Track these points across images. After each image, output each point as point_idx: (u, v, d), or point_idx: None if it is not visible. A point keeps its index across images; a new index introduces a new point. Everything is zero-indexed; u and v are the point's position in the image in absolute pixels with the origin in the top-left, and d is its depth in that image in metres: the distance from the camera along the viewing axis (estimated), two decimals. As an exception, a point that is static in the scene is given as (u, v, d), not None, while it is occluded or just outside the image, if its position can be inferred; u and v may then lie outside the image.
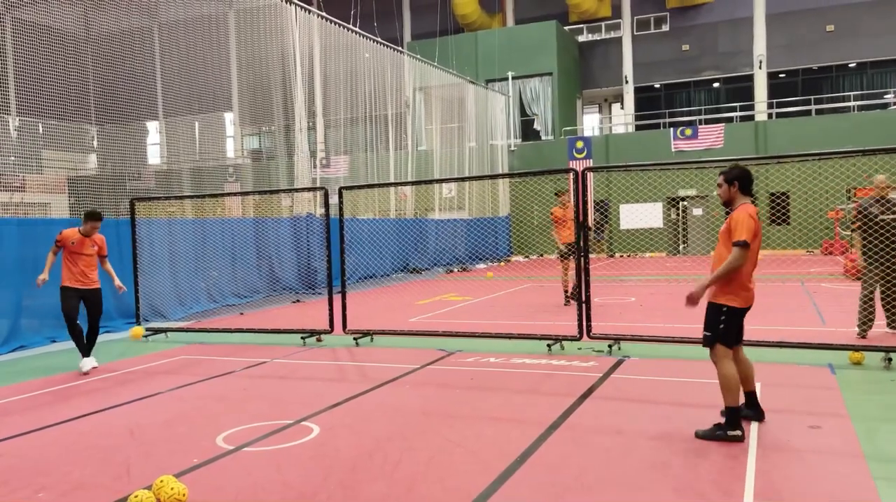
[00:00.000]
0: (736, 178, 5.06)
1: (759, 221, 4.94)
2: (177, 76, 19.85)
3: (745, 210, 4.94)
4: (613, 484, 4.11)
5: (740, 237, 4.79)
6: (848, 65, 30.14)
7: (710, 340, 4.99)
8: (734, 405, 4.86)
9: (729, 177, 5.10)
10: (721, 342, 4.94)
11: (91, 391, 7.12)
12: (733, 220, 4.92)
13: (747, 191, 5.08)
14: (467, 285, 17.38)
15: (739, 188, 5.06)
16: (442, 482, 4.23)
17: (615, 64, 33.42)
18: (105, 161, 18.12)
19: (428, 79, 26.18)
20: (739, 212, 4.94)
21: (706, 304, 5.06)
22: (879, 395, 5.95)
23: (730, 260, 4.80)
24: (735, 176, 5.07)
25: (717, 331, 4.94)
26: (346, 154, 22.78)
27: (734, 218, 4.93)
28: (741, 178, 5.06)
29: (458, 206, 27.30)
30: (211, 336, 10.52)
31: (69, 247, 8.18)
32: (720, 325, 4.93)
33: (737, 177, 5.06)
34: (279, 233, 16.57)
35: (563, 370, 7.31)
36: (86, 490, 4.30)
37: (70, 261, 8.18)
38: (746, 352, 5.18)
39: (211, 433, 5.37)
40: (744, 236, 4.79)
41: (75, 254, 8.17)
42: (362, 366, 8.15)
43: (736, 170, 5.12)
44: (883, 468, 4.20)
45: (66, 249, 8.19)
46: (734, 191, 5.07)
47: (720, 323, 4.93)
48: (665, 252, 27.52)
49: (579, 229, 8.49)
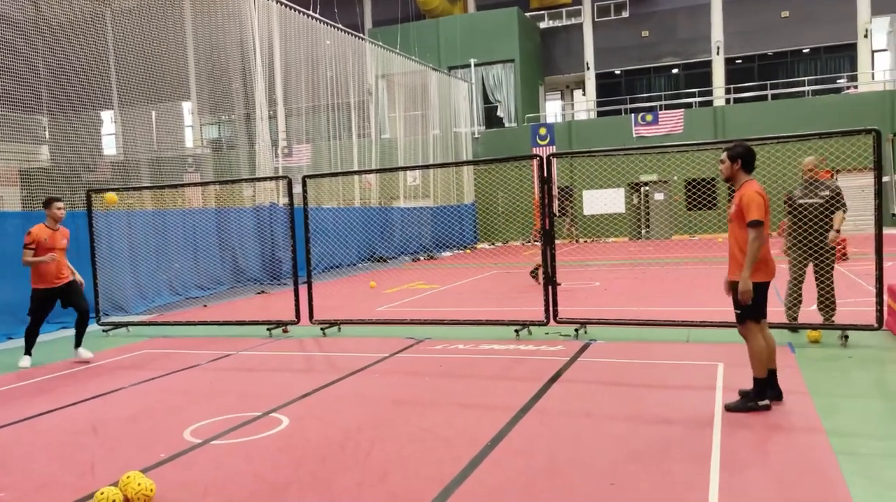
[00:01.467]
0: (739, 156, 5.11)
1: (766, 197, 5.00)
2: (132, 64, 19.34)
3: (752, 188, 5.00)
4: (584, 466, 4.16)
5: (753, 217, 4.87)
6: (802, 50, 30.79)
7: (740, 317, 5.08)
8: (762, 376, 5.01)
9: (732, 153, 5.14)
10: (751, 318, 5.05)
11: (52, 388, 6.94)
12: (743, 200, 4.96)
13: (750, 169, 5.14)
14: (434, 273, 17.38)
15: (742, 166, 5.12)
16: (414, 470, 4.23)
17: (577, 50, 33.62)
18: (58, 152, 17.60)
19: (390, 66, 26.00)
20: (747, 191, 4.99)
21: (730, 284, 5.15)
22: (837, 372, 6.13)
23: (751, 241, 4.88)
24: (738, 153, 5.12)
25: (745, 308, 5.03)
26: (309, 143, 22.54)
27: (744, 197, 4.98)
28: (744, 156, 5.12)
29: (423, 194, 27.26)
30: (174, 329, 10.34)
31: (43, 244, 7.82)
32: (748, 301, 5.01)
33: (740, 154, 5.12)
34: (242, 224, 16.33)
35: (531, 355, 7.36)
36: (50, 488, 4.19)
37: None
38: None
39: (177, 427, 5.29)
40: (756, 215, 4.87)
41: (49, 252, 7.84)
42: (330, 357, 8.10)
43: (739, 147, 5.17)
44: (843, 442, 4.33)
45: (41, 248, 7.81)
46: (736, 168, 5.12)
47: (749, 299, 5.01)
48: (627, 237, 27.88)
49: (544, 216, 8.54)
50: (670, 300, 10.60)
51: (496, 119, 32.19)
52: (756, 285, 4.99)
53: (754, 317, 5.05)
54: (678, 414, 5.07)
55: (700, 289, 11.66)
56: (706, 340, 7.60)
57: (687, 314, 8.69)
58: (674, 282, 12.98)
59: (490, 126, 31.97)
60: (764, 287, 5.04)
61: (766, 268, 5.02)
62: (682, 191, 27.18)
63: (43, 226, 7.96)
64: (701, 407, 5.20)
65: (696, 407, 5.22)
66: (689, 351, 7.24)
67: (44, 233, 7.89)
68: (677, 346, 7.45)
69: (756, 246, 4.88)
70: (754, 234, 4.87)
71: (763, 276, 5.01)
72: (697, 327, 7.95)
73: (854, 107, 25.39)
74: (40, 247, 7.84)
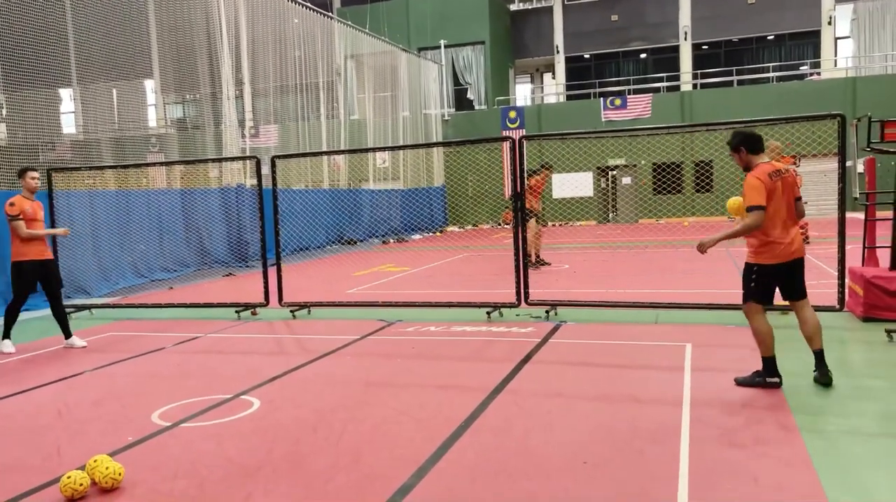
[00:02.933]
0: (740, 144, 5.11)
1: (771, 179, 4.95)
2: (92, 40, 18.77)
3: (756, 172, 5.00)
4: (556, 445, 4.19)
5: (749, 202, 4.93)
6: (767, 37, 31.21)
7: (744, 297, 5.17)
8: (768, 355, 5.10)
9: (733, 144, 5.14)
10: (752, 299, 5.11)
11: (12, 371, 6.77)
12: (745, 187, 4.99)
13: (758, 150, 5.11)
14: (404, 255, 17.32)
15: (748, 151, 5.11)
16: (388, 451, 4.22)
17: (546, 33, 33.60)
18: (15, 130, 17.07)
19: (359, 46, 25.68)
20: (748, 177, 5.01)
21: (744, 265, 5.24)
22: (800, 353, 6.25)
23: (744, 222, 4.95)
24: (738, 142, 5.12)
25: (748, 289, 5.12)
26: (276, 123, 22.20)
27: (745, 184, 5.00)
28: (745, 142, 5.10)
29: (392, 177, 27.10)
30: (139, 312, 10.15)
31: (27, 215, 7.49)
32: (751, 283, 5.10)
33: (740, 142, 5.11)
34: (208, 205, 16.05)
35: (503, 336, 7.39)
36: (15, 471, 4.09)
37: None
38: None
39: (145, 410, 5.20)
40: (753, 201, 4.90)
41: (33, 223, 7.54)
42: (301, 339, 8.03)
43: (737, 136, 5.15)
44: (808, 420, 4.43)
45: (26, 218, 7.48)
46: (745, 155, 5.11)
47: (751, 281, 5.10)
48: (595, 220, 28.12)
49: (515, 201, 8.54)
50: (639, 282, 10.72)
51: (466, 102, 32.08)
52: (760, 268, 5.06)
53: (756, 299, 5.12)
54: (648, 393, 5.14)
55: (668, 272, 11.82)
56: (675, 321, 7.71)
57: (656, 296, 8.80)
58: (642, 265, 13.14)
59: (460, 108, 31.85)
60: (768, 270, 5.06)
61: (771, 251, 5.03)
62: (650, 176, 27.47)
63: (21, 198, 7.62)
64: (670, 386, 5.28)
65: (666, 387, 5.30)
66: (658, 332, 7.33)
67: (26, 203, 7.57)
68: (646, 328, 7.55)
69: (745, 227, 4.94)
70: (749, 219, 4.92)
71: (767, 259, 5.05)
72: (666, 308, 8.06)
73: (817, 93, 25.86)
74: (25, 218, 7.51)
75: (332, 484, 3.77)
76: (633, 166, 27.87)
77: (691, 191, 27.26)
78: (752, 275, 5.12)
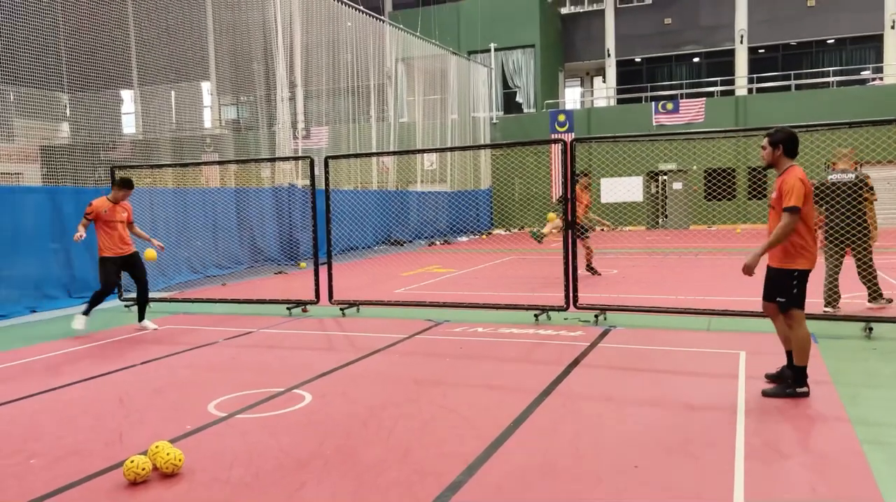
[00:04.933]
0: (780, 141, 5.03)
1: (809, 184, 4.91)
2: (152, 43, 19.40)
3: (794, 174, 4.92)
4: (607, 448, 4.17)
5: (790, 203, 4.81)
6: (827, 41, 30.32)
7: (784, 306, 5.02)
8: (804, 364, 4.97)
9: (773, 139, 5.07)
10: (796, 306, 4.99)
11: (77, 360, 7.04)
12: (784, 186, 4.90)
13: (792, 154, 5.06)
14: (451, 257, 17.39)
15: (784, 151, 5.04)
16: (437, 447, 4.26)
17: (598, 37, 33.30)
18: (78, 130, 17.73)
19: (410, 50, 25.88)
20: (790, 177, 4.91)
21: (769, 271, 5.14)
22: (861, 363, 6.08)
23: (781, 225, 4.83)
24: (780, 139, 5.04)
25: (790, 296, 4.98)
26: (327, 125, 22.53)
27: (784, 183, 4.91)
28: (786, 141, 5.03)
29: (439, 179, 27.23)
30: (194, 306, 10.43)
31: (102, 216, 8.21)
32: (793, 290, 4.96)
33: (781, 139, 5.04)
34: (261, 204, 16.40)
35: (551, 339, 7.37)
36: (79, 456, 4.26)
37: (107, 230, 8.23)
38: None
39: (202, 400, 5.35)
40: (793, 202, 4.80)
41: (110, 223, 8.23)
42: (350, 336, 8.14)
43: (781, 132, 5.08)
44: (868, 431, 4.31)
45: (100, 219, 8.22)
46: (778, 153, 5.05)
47: (793, 287, 4.96)
48: (644, 225, 27.73)
49: (566, 203, 8.51)
50: (690, 288, 10.55)
51: (515, 105, 32.00)
52: (801, 273, 4.95)
53: (799, 305, 4.99)
54: (701, 400, 5.06)
55: (720, 279, 11.59)
56: (727, 329, 7.57)
57: (707, 303, 8.65)
58: (693, 271, 12.91)
59: (508, 112, 31.79)
60: (806, 274, 4.98)
61: (808, 255, 4.95)
62: (702, 181, 26.96)
63: (104, 199, 8.37)
64: (724, 394, 5.19)
65: (719, 394, 5.21)
66: (710, 339, 7.21)
67: (104, 206, 8.27)
68: (698, 334, 7.43)
69: (784, 229, 4.84)
70: (787, 219, 4.82)
71: (804, 264, 4.95)
72: (719, 315, 7.92)
73: (879, 98, 25.00)
74: (99, 219, 8.20)
75: (383, 477, 3.82)
76: (685, 171, 27.39)
77: (744, 198, 26.65)
78: (792, 281, 4.97)
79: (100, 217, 8.21)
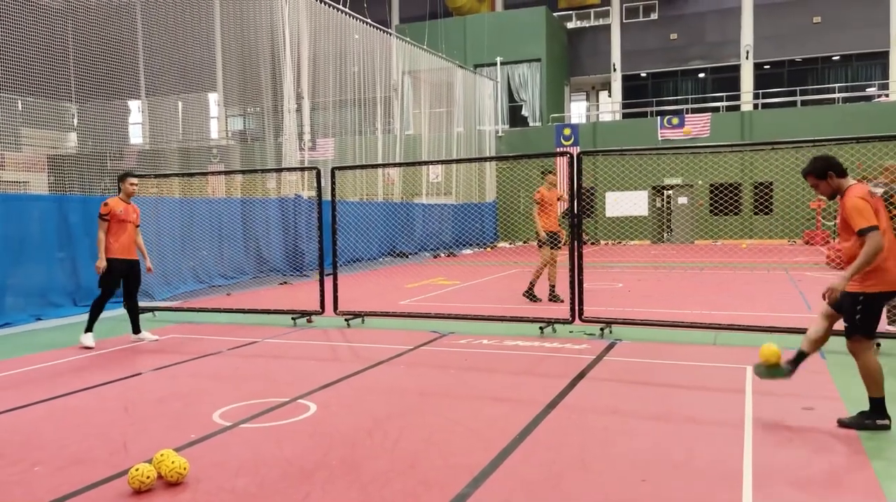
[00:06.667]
0: (827, 168, 4.68)
1: (871, 199, 4.56)
2: (160, 54, 19.54)
3: (853, 194, 4.57)
4: (613, 461, 4.14)
5: (860, 226, 4.44)
6: (832, 57, 30.39)
7: (847, 331, 4.66)
8: (879, 396, 4.59)
9: (818, 172, 4.70)
10: (861, 333, 4.60)
11: (81, 368, 7.04)
12: (846, 210, 4.56)
13: (843, 173, 4.70)
14: (455, 269, 17.38)
15: (836, 174, 4.68)
16: (443, 458, 4.23)
17: (603, 51, 33.45)
18: (86, 139, 17.83)
19: (416, 62, 26.03)
20: (848, 199, 4.57)
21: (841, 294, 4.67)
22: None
23: (865, 250, 4.41)
24: (825, 167, 4.68)
25: (853, 322, 4.59)
26: (333, 137, 22.63)
27: (845, 207, 4.58)
28: (832, 166, 4.68)
29: (444, 191, 27.28)
30: (199, 316, 10.43)
31: (117, 215, 8.07)
32: (857, 316, 4.58)
33: (827, 166, 4.68)
34: (266, 215, 16.44)
35: (557, 352, 7.34)
36: (83, 464, 4.25)
37: (117, 231, 8.09)
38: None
39: (206, 410, 5.34)
40: (864, 223, 4.44)
41: (123, 223, 8.10)
42: (355, 347, 8.13)
43: (820, 161, 4.71)
44: (877, 447, 4.27)
45: (115, 219, 8.06)
46: (834, 180, 4.68)
47: (856, 312, 4.58)
48: (649, 240, 27.70)
49: (572, 217, 8.50)
50: (695, 303, 10.51)
51: (520, 118, 32.10)
52: (867, 297, 4.55)
53: (865, 333, 4.61)
54: (708, 414, 5.03)
55: (725, 294, 11.55)
56: (734, 343, 7.53)
57: (713, 317, 8.61)
58: (698, 286, 12.88)
59: (514, 125, 31.89)
60: (877, 298, 4.56)
61: (883, 276, 4.52)
62: (707, 196, 26.95)
63: (117, 199, 8.22)
64: (731, 408, 5.15)
65: (726, 408, 5.17)
66: (716, 353, 7.18)
67: (119, 205, 8.14)
68: (704, 348, 7.39)
69: (870, 250, 4.39)
70: (869, 240, 4.41)
71: (874, 286, 4.53)
72: (725, 330, 7.88)
73: (885, 115, 25.01)
74: (115, 219, 8.07)
75: (388, 488, 3.80)
76: (690, 186, 27.39)
77: (750, 213, 26.63)
78: (857, 306, 4.56)
79: (115, 216, 8.05)
